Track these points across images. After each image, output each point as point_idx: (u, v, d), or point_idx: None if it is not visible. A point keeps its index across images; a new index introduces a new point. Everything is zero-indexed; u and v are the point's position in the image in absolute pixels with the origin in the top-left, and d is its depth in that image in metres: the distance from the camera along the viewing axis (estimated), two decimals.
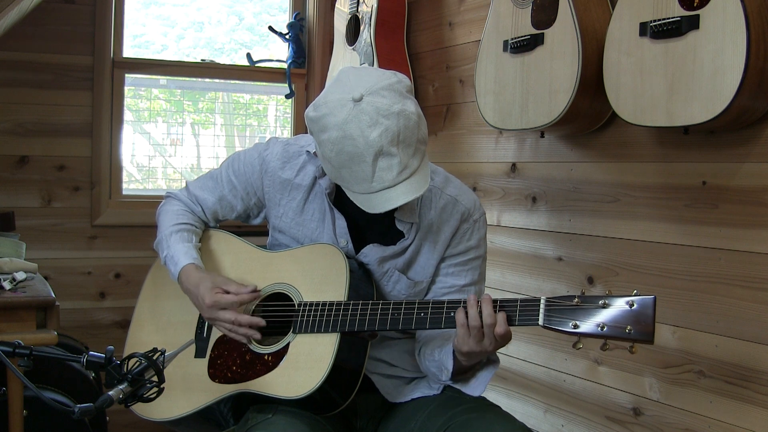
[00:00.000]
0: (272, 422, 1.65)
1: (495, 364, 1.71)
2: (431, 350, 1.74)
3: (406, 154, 1.57)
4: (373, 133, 1.54)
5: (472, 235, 1.82)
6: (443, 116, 3.14)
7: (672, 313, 2.21)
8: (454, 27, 3.09)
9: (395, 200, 1.58)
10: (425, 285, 1.82)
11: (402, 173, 1.57)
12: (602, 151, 2.44)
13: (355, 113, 1.56)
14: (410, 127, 1.57)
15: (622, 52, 2.09)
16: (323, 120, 1.59)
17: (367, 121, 1.55)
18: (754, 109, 1.93)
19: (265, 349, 1.74)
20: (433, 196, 1.81)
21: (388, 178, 1.57)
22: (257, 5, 3.98)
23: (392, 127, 1.55)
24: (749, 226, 2.03)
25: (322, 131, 1.60)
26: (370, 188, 1.58)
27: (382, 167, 1.56)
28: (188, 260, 1.82)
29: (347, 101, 1.57)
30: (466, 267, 1.82)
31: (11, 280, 2.19)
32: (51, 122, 3.14)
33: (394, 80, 1.62)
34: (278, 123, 3.84)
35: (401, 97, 1.60)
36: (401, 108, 1.57)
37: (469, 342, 1.56)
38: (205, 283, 1.76)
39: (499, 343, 1.55)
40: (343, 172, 1.60)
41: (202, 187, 1.97)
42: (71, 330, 2.97)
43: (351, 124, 1.55)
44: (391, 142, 1.55)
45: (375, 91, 1.58)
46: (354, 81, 1.61)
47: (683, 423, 2.19)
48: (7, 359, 1.40)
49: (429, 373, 1.79)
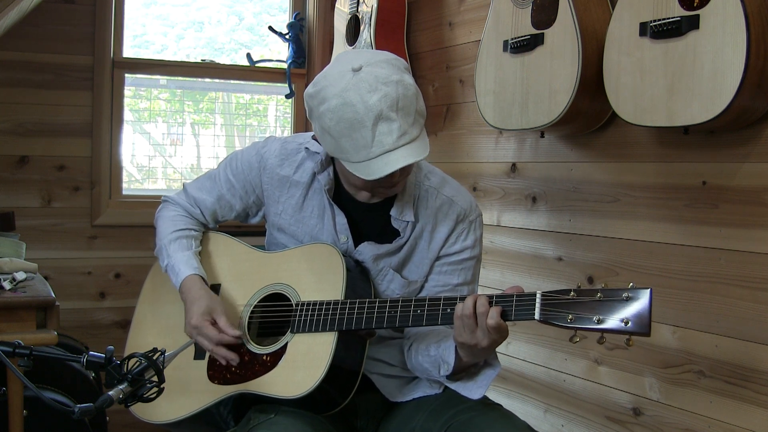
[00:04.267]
0: (274, 422, 1.65)
1: (495, 368, 1.68)
2: (426, 346, 1.73)
3: (405, 122, 1.58)
4: (372, 98, 1.55)
5: (468, 235, 1.82)
6: (443, 116, 3.14)
7: (672, 313, 2.21)
8: (454, 27, 3.09)
9: (395, 163, 1.58)
10: (419, 285, 1.82)
11: (401, 138, 1.57)
12: (602, 151, 2.44)
13: (355, 81, 1.57)
14: (409, 96, 1.59)
15: (622, 52, 2.09)
16: (322, 92, 1.61)
17: (367, 88, 1.56)
18: (754, 109, 1.92)
19: (264, 350, 1.74)
20: (430, 196, 1.81)
21: (388, 142, 1.57)
22: (257, 5, 3.98)
23: (391, 93, 1.56)
24: (749, 226, 2.03)
25: (321, 103, 1.61)
26: (369, 154, 1.58)
27: (382, 131, 1.56)
28: (189, 271, 1.83)
29: (346, 72, 1.59)
30: (460, 266, 1.82)
31: (11, 280, 2.19)
32: (51, 122, 3.14)
33: (392, 57, 1.65)
34: (278, 123, 3.84)
35: (399, 70, 1.62)
36: (400, 78, 1.59)
37: (463, 334, 1.55)
38: (200, 305, 1.76)
39: (493, 337, 1.53)
40: (343, 142, 1.59)
41: (200, 188, 1.97)
42: (71, 330, 2.97)
43: (350, 91, 1.57)
44: (391, 107, 1.56)
45: (374, 62, 1.60)
46: (353, 56, 1.63)
47: (683, 423, 2.19)
48: (7, 359, 1.40)
49: (420, 369, 1.76)
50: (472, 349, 1.57)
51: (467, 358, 1.63)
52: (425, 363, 1.72)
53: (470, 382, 1.69)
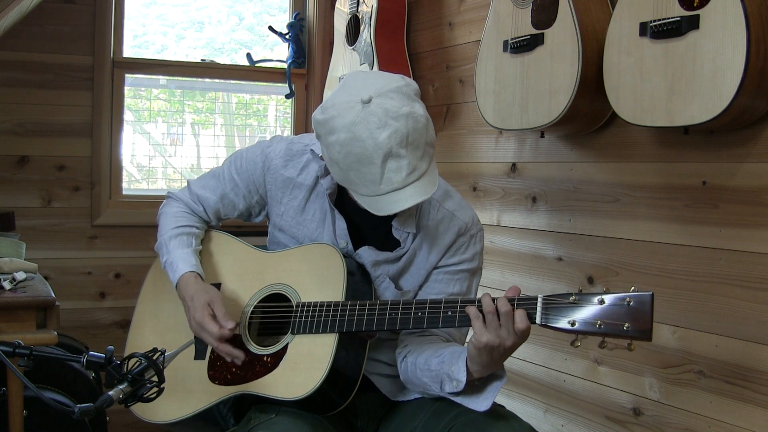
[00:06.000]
0: (275, 422, 1.65)
1: (502, 378, 1.63)
2: (424, 360, 1.69)
3: (414, 156, 1.56)
4: (381, 135, 1.53)
5: (467, 248, 1.82)
6: (443, 116, 3.14)
7: (672, 313, 2.21)
8: (454, 27, 3.09)
9: (404, 202, 1.57)
10: (412, 295, 1.81)
11: (411, 175, 1.56)
12: (602, 151, 2.44)
13: (364, 115, 1.55)
14: (419, 129, 1.57)
15: (622, 52, 2.09)
16: (331, 122, 1.58)
17: (376, 123, 1.54)
18: (754, 109, 1.92)
19: (264, 351, 1.74)
20: (432, 208, 1.80)
21: (397, 180, 1.56)
22: (257, 5, 3.98)
23: (401, 128, 1.54)
24: (749, 226, 2.03)
25: (330, 133, 1.59)
26: (378, 190, 1.57)
27: (391, 169, 1.55)
28: (187, 268, 1.82)
29: (356, 103, 1.56)
30: (456, 277, 1.81)
31: (11, 280, 2.19)
32: (51, 122, 3.14)
33: (402, 83, 1.62)
34: (278, 123, 3.84)
35: (409, 99, 1.59)
36: (410, 110, 1.57)
37: (486, 333, 1.51)
38: (199, 298, 1.75)
39: (518, 338, 1.51)
40: (351, 175, 1.59)
41: (204, 185, 1.97)
42: (71, 330, 2.97)
43: (359, 125, 1.54)
44: (400, 144, 1.54)
45: (383, 93, 1.57)
46: (362, 84, 1.60)
47: (683, 423, 2.19)
48: (7, 359, 1.40)
49: (417, 383, 1.72)
50: (492, 353, 1.52)
51: (479, 372, 1.58)
52: (424, 377, 1.69)
53: (476, 395, 1.63)
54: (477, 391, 1.64)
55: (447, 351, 1.67)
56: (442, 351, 1.68)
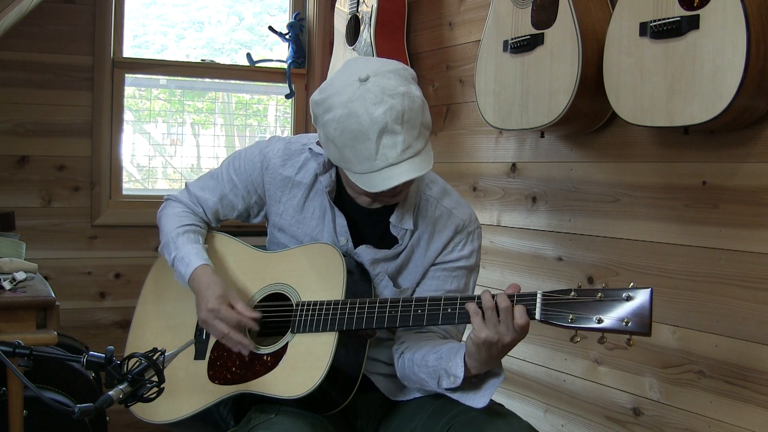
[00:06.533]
0: (275, 422, 1.65)
1: (499, 376, 1.64)
2: (422, 357, 1.69)
3: (410, 135, 1.57)
4: (377, 110, 1.54)
5: (465, 246, 1.82)
6: (443, 116, 3.14)
7: (672, 313, 2.21)
8: (454, 27, 3.09)
9: (398, 177, 1.57)
10: (410, 293, 1.82)
11: (406, 152, 1.57)
12: (602, 151, 2.44)
13: (361, 92, 1.56)
14: (415, 109, 1.58)
15: (622, 52, 2.09)
16: (328, 101, 1.60)
17: (372, 99, 1.55)
18: (754, 109, 1.93)
19: (264, 350, 1.74)
20: (429, 205, 1.81)
21: (392, 156, 1.56)
22: (257, 5, 3.98)
23: (397, 105, 1.55)
24: (749, 226, 2.03)
25: (327, 111, 1.60)
26: (373, 167, 1.57)
27: (386, 144, 1.55)
28: (200, 261, 1.81)
29: (353, 81, 1.58)
30: (453, 274, 1.81)
31: (11, 280, 2.19)
32: (51, 122, 3.14)
33: (400, 66, 1.64)
34: (278, 123, 3.84)
35: (406, 81, 1.61)
36: (406, 90, 1.58)
37: (485, 329, 1.51)
38: (215, 289, 1.74)
39: (517, 333, 1.51)
40: (347, 152, 1.59)
41: (203, 187, 1.97)
42: (71, 330, 2.97)
43: (356, 102, 1.56)
44: (396, 120, 1.55)
45: (381, 73, 1.59)
46: (361, 66, 1.62)
47: (683, 423, 2.19)
48: (7, 359, 1.40)
49: (415, 379, 1.72)
50: (490, 349, 1.53)
51: (477, 369, 1.59)
52: (421, 373, 1.69)
53: (473, 392, 1.64)
54: (474, 388, 1.64)
55: (445, 347, 1.67)
56: (440, 347, 1.68)
